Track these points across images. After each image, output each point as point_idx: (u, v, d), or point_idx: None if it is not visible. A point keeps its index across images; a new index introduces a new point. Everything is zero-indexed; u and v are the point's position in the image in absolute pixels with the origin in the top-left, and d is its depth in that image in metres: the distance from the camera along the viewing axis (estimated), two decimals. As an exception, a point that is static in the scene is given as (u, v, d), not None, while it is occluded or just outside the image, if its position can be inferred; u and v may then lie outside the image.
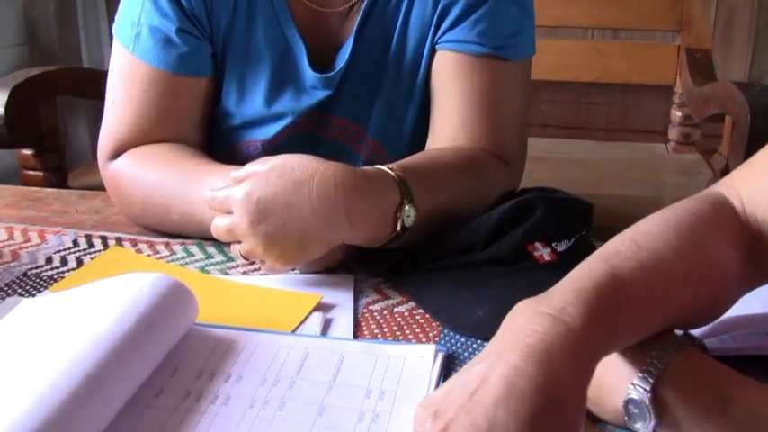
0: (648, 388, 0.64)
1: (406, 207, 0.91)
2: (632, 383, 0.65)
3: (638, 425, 0.66)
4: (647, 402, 0.64)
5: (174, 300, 0.80)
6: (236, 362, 0.79)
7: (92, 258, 1.02)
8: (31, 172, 1.77)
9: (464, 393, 0.56)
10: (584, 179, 2.03)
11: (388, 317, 0.89)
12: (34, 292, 0.93)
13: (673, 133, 2.23)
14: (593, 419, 0.70)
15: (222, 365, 0.78)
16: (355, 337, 0.85)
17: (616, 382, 0.67)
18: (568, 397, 0.56)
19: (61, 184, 1.73)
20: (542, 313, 0.59)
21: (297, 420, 0.71)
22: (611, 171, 2.15)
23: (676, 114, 2.21)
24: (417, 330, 0.86)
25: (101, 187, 1.17)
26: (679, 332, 0.70)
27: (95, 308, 0.76)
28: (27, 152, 1.75)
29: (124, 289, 0.79)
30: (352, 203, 0.88)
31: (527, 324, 0.58)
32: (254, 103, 1.13)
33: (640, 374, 0.65)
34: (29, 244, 1.06)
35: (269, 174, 0.89)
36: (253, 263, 0.97)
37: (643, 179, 2.13)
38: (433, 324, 0.88)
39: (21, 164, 1.77)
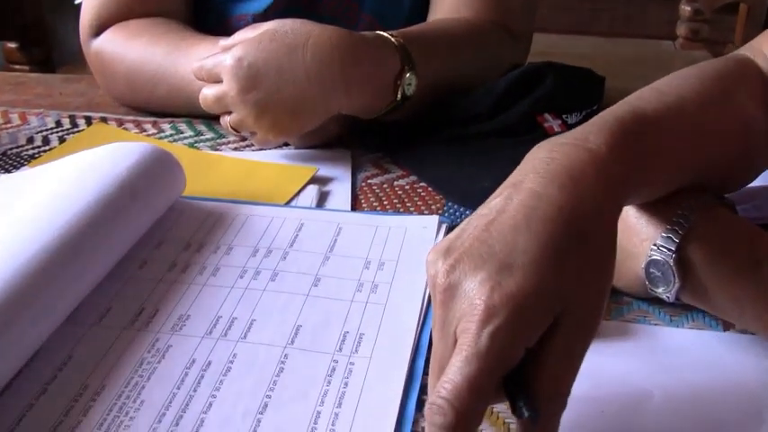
0: (673, 248, 0.59)
1: (407, 75, 0.85)
2: (655, 244, 0.60)
3: (661, 289, 0.61)
4: (672, 264, 0.59)
5: (159, 169, 0.74)
6: (225, 233, 0.74)
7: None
8: (16, 66, 1.71)
9: (479, 227, 0.50)
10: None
11: (388, 190, 0.83)
12: (13, 171, 0.87)
13: (681, 29, 2.14)
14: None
15: (211, 237, 0.73)
16: (353, 210, 0.79)
17: (637, 245, 0.62)
18: (596, 224, 0.50)
19: (48, 79, 1.67)
20: (563, 143, 0.53)
21: (290, 290, 0.66)
22: (617, 67, 2.07)
23: (685, 9, 2.13)
24: (419, 203, 0.81)
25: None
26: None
27: (75, 176, 0.71)
28: (12, 45, 1.69)
29: (106, 157, 0.73)
30: (349, 68, 0.82)
31: (546, 154, 0.52)
32: (244, -26, 1.06)
33: (664, 234, 0.59)
34: (9, 125, 1.01)
35: (260, 38, 0.83)
36: (244, 138, 0.92)
37: (650, 75, 2.05)
38: (436, 197, 0.82)
39: (6, 58, 1.71)
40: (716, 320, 0.65)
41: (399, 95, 0.85)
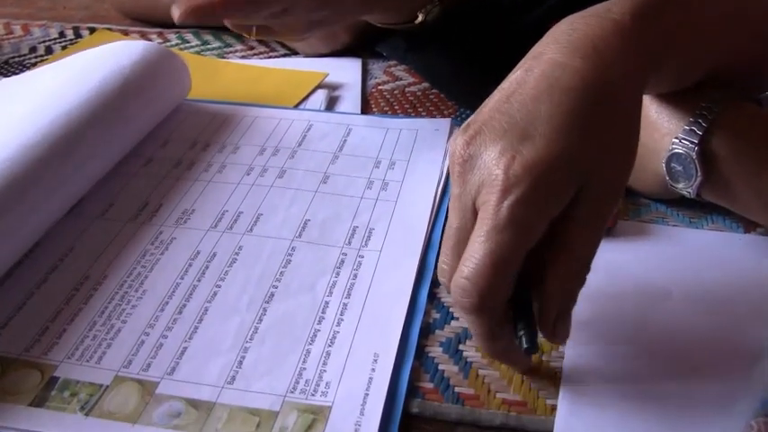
0: (696, 141, 0.56)
1: (434, 8, 0.79)
2: (677, 137, 0.57)
3: (682, 185, 0.58)
4: (694, 157, 0.56)
5: (164, 67, 0.72)
6: (232, 133, 0.72)
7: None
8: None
9: (499, 99, 0.47)
10: None
11: (399, 96, 0.81)
12: (15, 77, 0.85)
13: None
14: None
15: (217, 137, 0.71)
16: (363, 114, 0.77)
17: (657, 140, 0.59)
18: (621, 94, 0.47)
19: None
20: (585, 15, 0.50)
21: (298, 187, 0.64)
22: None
23: None
24: (431, 108, 0.79)
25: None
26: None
27: (76, 71, 0.68)
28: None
29: (108, 54, 0.71)
30: None
31: (568, 26, 0.49)
32: None
33: (687, 127, 0.57)
34: (11, 36, 0.98)
35: None
36: (251, 47, 0.89)
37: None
38: (449, 103, 0.80)
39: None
40: (737, 222, 0.62)
41: (420, 19, 0.82)
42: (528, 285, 0.45)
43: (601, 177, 0.45)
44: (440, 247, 0.49)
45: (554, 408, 0.47)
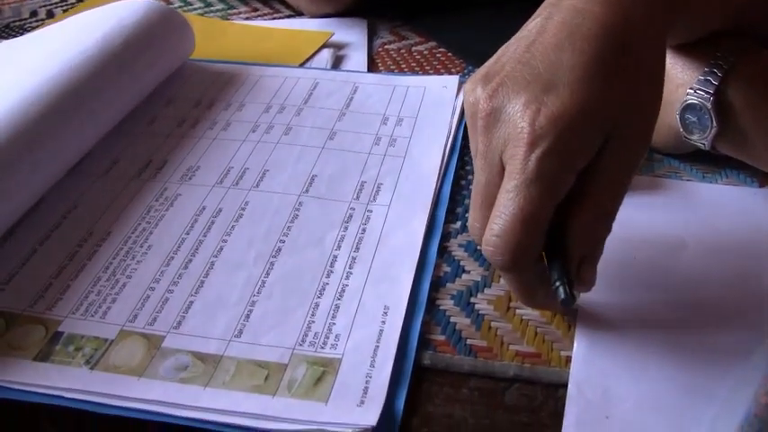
0: (711, 91, 0.55)
1: None
2: (692, 87, 0.56)
3: (696, 136, 0.57)
4: (709, 107, 0.55)
5: (167, 25, 0.71)
6: (236, 92, 0.70)
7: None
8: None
9: (519, 49, 0.46)
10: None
11: (405, 55, 0.79)
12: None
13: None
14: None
15: (222, 95, 0.70)
16: (370, 72, 0.76)
17: (672, 91, 0.58)
18: (644, 39, 0.45)
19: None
20: None
21: (305, 143, 0.63)
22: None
23: None
24: (439, 67, 0.77)
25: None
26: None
27: (78, 30, 0.67)
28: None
29: (110, 13, 0.70)
30: None
31: None
32: None
33: (702, 77, 0.55)
34: (12, 0, 0.96)
35: None
36: (255, 9, 0.88)
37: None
38: (456, 62, 0.79)
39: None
40: (751, 177, 0.61)
41: None
42: (560, 237, 0.44)
43: (628, 125, 0.43)
44: (450, 206, 0.48)
45: (568, 359, 0.46)
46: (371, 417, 0.41)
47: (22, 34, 0.86)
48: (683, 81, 0.57)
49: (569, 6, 0.45)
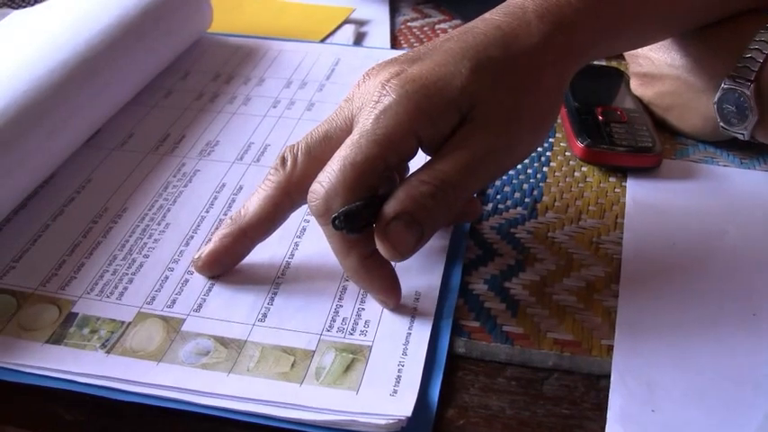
0: (751, 78, 0.52)
1: None
2: (730, 75, 0.53)
3: (735, 127, 0.55)
4: (749, 95, 0.52)
5: (184, -3, 0.68)
6: (256, 66, 0.68)
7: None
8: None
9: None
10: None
11: (429, 33, 0.77)
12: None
13: None
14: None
15: (241, 69, 0.67)
16: (393, 49, 0.73)
17: (707, 80, 0.55)
18: (532, 46, 0.45)
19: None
20: None
21: (328, 120, 0.60)
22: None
23: None
24: (464, 44, 0.74)
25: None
26: None
27: (96, 2, 0.64)
28: None
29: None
30: None
31: None
32: None
33: (740, 64, 0.53)
34: (21, -29, 0.93)
35: None
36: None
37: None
38: (482, 39, 0.75)
39: None
40: (791, 163, 0.59)
41: None
42: None
43: (485, 115, 0.42)
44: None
45: (610, 348, 0.44)
46: (406, 407, 0.39)
47: (30, 4, 0.84)
48: (719, 71, 0.55)
49: (476, 20, 0.46)
